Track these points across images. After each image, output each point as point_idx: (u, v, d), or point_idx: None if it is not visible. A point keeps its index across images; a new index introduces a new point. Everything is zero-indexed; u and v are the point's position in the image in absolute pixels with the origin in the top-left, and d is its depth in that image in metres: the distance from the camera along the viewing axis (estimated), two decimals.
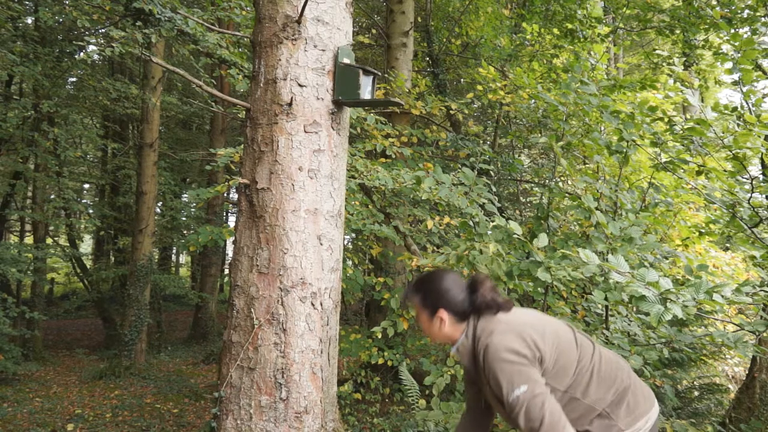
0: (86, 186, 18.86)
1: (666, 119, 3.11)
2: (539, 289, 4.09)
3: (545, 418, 1.75)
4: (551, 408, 1.77)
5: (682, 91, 2.91)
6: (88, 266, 15.63)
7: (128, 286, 9.95)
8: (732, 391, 5.79)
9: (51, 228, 13.48)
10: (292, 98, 2.77)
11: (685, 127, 2.92)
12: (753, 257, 3.27)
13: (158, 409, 7.23)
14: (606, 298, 2.61)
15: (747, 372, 4.63)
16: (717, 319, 3.19)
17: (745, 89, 2.96)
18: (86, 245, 23.01)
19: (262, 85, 2.85)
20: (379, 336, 3.80)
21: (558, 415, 1.77)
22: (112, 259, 16.17)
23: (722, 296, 1.97)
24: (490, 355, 1.86)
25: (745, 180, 3.01)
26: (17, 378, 8.41)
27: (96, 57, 10.13)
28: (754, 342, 2.91)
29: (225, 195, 12.55)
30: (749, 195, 2.76)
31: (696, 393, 5.69)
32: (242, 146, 3.03)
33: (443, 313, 2.02)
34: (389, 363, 5.38)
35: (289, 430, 2.71)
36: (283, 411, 2.70)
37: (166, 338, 12.65)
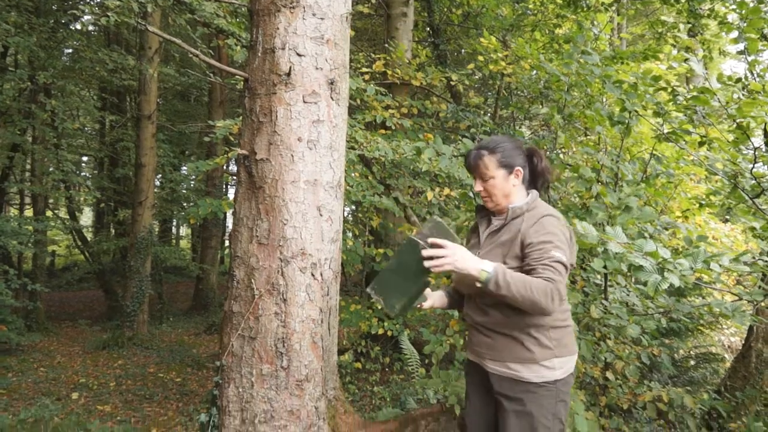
0: (85, 159, 18.77)
1: (669, 89, 3.07)
2: None
3: (561, 286, 1.93)
4: (564, 260, 1.98)
5: (686, 60, 2.87)
6: (89, 238, 15.67)
7: (129, 258, 9.99)
8: (728, 361, 5.86)
9: (51, 201, 13.49)
10: (290, 68, 2.73)
11: (689, 96, 2.89)
12: (753, 229, 3.27)
13: (161, 378, 7.33)
14: (605, 267, 2.61)
15: (743, 341, 4.68)
16: (715, 289, 3.21)
17: (750, 59, 2.92)
18: (86, 218, 23.03)
19: (260, 54, 2.81)
20: (379, 307, 3.82)
21: (564, 292, 1.96)
22: (113, 231, 16.19)
23: (720, 265, 1.98)
24: (547, 223, 2.05)
25: (748, 150, 3.00)
26: (21, 348, 8.51)
27: (91, 27, 9.99)
28: (751, 312, 2.93)
29: (224, 167, 12.51)
30: (752, 165, 2.74)
31: (692, 362, 5.77)
32: (241, 117, 3.00)
33: (520, 172, 2.18)
34: (389, 333, 5.44)
35: (291, 397, 2.75)
36: (285, 379, 2.74)
37: (167, 309, 12.75)
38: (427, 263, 1.96)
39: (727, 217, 7.18)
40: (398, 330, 5.62)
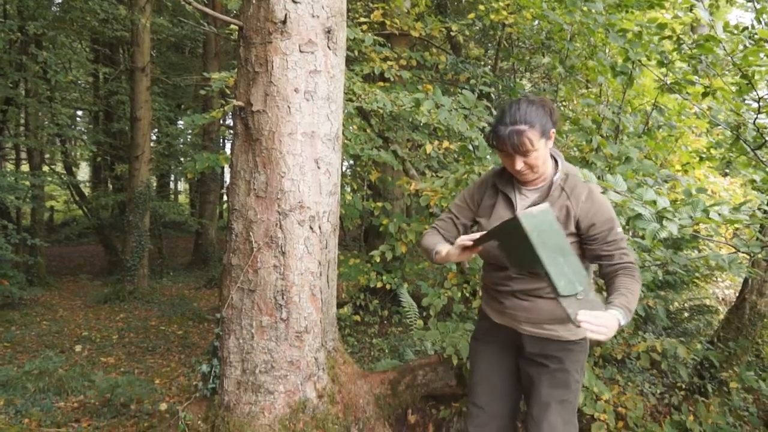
0: (80, 113, 18.55)
1: (674, 38, 3.00)
2: None
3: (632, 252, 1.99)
4: None
5: (692, 7, 2.79)
6: (87, 193, 15.63)
7: (128, 213, 9.99)
8: (721, 313, 5.94)
9: (47, 155, 13.38)
10: (286, 15, 2.65)
11: (694, 46, 2.82)
12: (753, 181, 3.25)
13: (163, 331, 7.43)
14: None
15: (737, 294, 4.73)
16: (713, 241, 3.21)
17: (758, 6, 2.84)
18: (83, 173, 22.93)
19: (254, 1, 2.72)
20: (378, 260, 3.84)
21: None
22: (110, 186, 16.14)
23: (719, 214, 1.97)
24: (597, 197, 2.01)
25: (752, 101, 2.95)
26: (23, 302, 8.60)
27: None
28: (747, 264, 2.94)
29: (221, 121, 12.36)
30: (755, 116, 2.71)
31: (686, 314, 5.84)
32: (236, 69, 2.94)
33: (553, 132, 2.05)
34: (387, 286, 5.48)
35: (290, 348, 2.79)
36: (284, 331, 2.77)
37: (167, 264, 12.84)
38: (584, 325, 1.69)
39: (727, 171, 7.16)
40: (397, 283, 5.66)
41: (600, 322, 1.71)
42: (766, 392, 3.31)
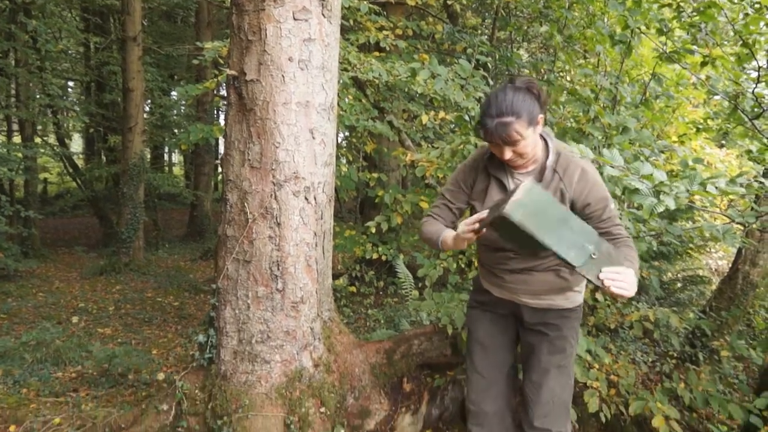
0: (71, 84, 18.26)
1: (674, 5, 2.96)
2: None
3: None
4: None
5: None
6: (80, 165, 15.51)
7: (122, 185, 9.93)
8: (714, 283, 6.00)
9: (39, 127, 13.22)
10: None
11: (694, 14, 2.78)
12: (749, 151, 3.25)
13: (159, 302, 7.46)
14: None
15: (730, 265, 4.77)
16: (707, 211, 3.22)
17: None
18: (76, 144, 22.70)
19: None
20: (373, 231, 3.84)
21: None
22: (104, 158, 16.02)
23: (716, 187, 1.97)
24: (590, 176, 2.00)
25: (752, 71, 2.93)
26: (19, 274, 8.59)
27: None
28: (741, 234, 2.96)
29: (214, 91, 12.22)
30: (754, 85, 2.68)
31: (679, 284, 5.91)
32: (229, 37, 2.88)
33: (540, 118, 2.00)
34: (383, 258, 5.50)
35: (286, 318, 2.80)
36: (280, 301, 2.78)
37: (163, 236, 12.83)
38: (607, 282, 1.71)
39: (723, 142, 7.15)
40: (392, 254, 5.68)
41: (622, 278, 1.72)
42: (757, 360, 3.36)
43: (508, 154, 2.00)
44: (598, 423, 3.15)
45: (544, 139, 2.10)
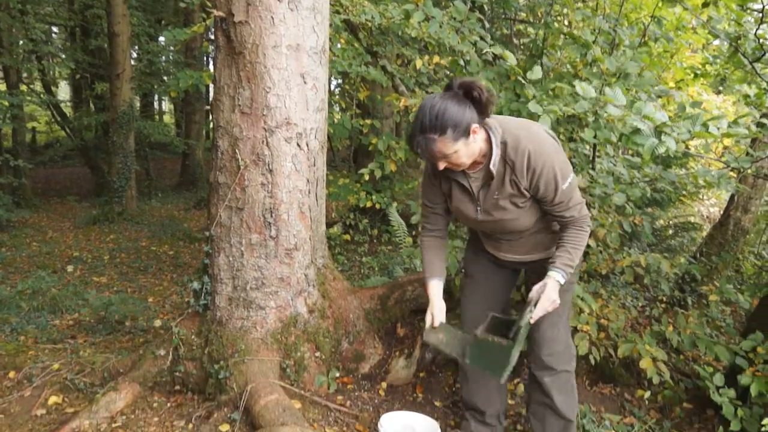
0: (55, 29, 17.70)
1: None
2: None
3: (582, 202, 2.09)
4: (578, 191, 2.06)
5: None
6: (68, 114, 15.23)
7: (111, 134, 9.77)
8: (705, 230, 6.06)
9: (24, 74, 12.89)
10: None
11: None
12: (747, 96, 3.20)
13: (154, 251, 7.48)
14: (595, 137, 2.58)
15: (722, 211, 4.80)
16: (703, 157, 3.21)
17: None
18: (63, 92, 22.25)
19: None
20: (367, 179, 3.81)
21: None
22: (92, 106, 15.70)
23: (718, 128, 1.94)
24: (538, 157, 1.95)
25: (755, 10, 2.85)
26: (12, 224, 8.56)
27: None
28: (735, 180, 2.96)
29: (203, 36, 11.88)
30: (756, 26, 2.62)
31: (671, 231, 5.95)
32: None
33: (475, 127, 1.94)
34: (377, 206, 5.49)
35: (280, 265, 2.81)
36: (274, 248, 2.78)
37: (155, 185, 12.75)
38: (538, 317, 2.05)
39: (720, 88, 7.07)
40: (386, 203, 5.67)
41: (543, 308, 2.03)
42: (744, 305, 3.43)
43: (441, 165, 2.00)
44: (587, 365, 3.23)
45: (489, 132, 2.04)
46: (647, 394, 2.89)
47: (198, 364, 2.85)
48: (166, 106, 25.73)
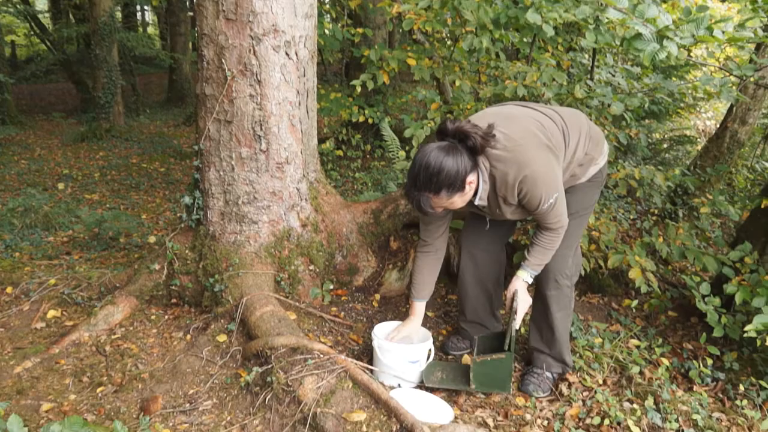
0: None
1: None
2: (525, 39, 3.91)
3: (563, 216, 2.17)
4: (563, 203, 2.14)
5: None
6: (47, 25, 14.60)
7: (93, 46, 9.42)
8: (701, 143, 6.02)
9: None
10: None
11: None
12: (754, 1, 3.07)
13: (145, 168, 7.40)
14: (596, 42, 2.48)
15: (719, 124, 4.74)
16: (705, 65, 3.11)
17: None
18: (41, 2, 21.24)
19: None
20: (359, 90, 3.70)
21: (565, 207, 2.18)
22: (72, 17, 15.04)
23: (723, 32, 1.86)
24: (531, 182, 2.01)
25: None
26: None
27: None
28: (737, 89, 2.88)
29: None
30: None
31: (666, 145, 5.92)
32: None
33: (471, 178, 2.02)
34: (370, 120, 5.38)
35: (272, 179, 2.77)
36: (265, 162, 2.73)
37: (143, 101, 12.45)
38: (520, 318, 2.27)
39: None
40: (379, 117, 5.56)
41: (522, 312, 2.28)
42: (734, 216, 3.45)
43: (439, 210, 2.12)
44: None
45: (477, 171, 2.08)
46: (634, 303, 2.96)
47: (193, 278, 2.88)
48: (150, 16, 24.69)
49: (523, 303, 2.28)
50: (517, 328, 2.23)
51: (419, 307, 2.53)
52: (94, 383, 2.38)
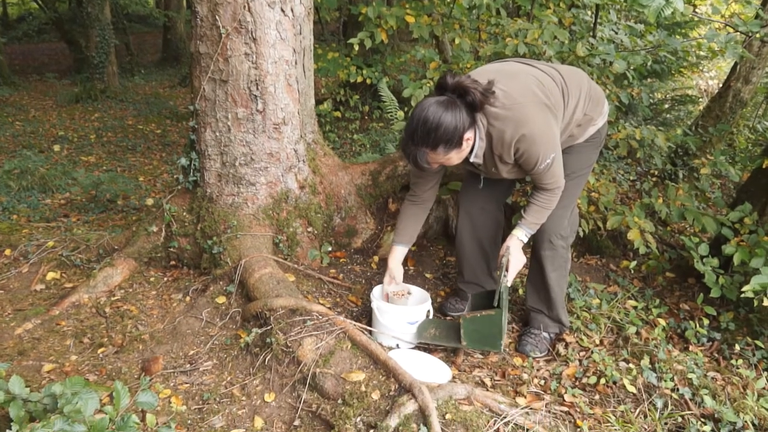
0: None
1: None
2: None
3: (560, 176, 2.15)
4: (560, 163, 2.12)
5: None
6: None
7: (85, 4, 9.20)
8: (703, 103, 5.95)
9: None
10: None
11: None
12: None
13: (141, 129, 7.33)
14: None
15: (721, 84, 4.67)
16: (711, 21, 3.04)
17: None
18: None
19: None
20: (356, 49, 3.62)
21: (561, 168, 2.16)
22: None
23: None
24: (528, 141, 1.99)
25: None
26: None
27: None
28: (742, 46, 2.82)
29: None
30: None
31: (667, 105, 5.84)
32: None
33: (469, 134, 1.98)
34: (368, 81, 5.30)
35: (269, 140, 2.74)
36: (261, 122, 2.69)
37: (137, 62, 12.26)
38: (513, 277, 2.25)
39: None
40: (377, 77, 5.47)
41: (514, 270, 2.23)
42: (734, 177, 3.43)
43: (435, 167, 2.08)
44: (576, 237, 3.29)
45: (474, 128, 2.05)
46: (632, 264, 2.97)
47: (191, 240, 2.87)
48: None
49: (516, 261, 2.25)
50: (508, 285, 2.21)
51: (398, 253, 2.49)
52: (95, 344, 2.40)
